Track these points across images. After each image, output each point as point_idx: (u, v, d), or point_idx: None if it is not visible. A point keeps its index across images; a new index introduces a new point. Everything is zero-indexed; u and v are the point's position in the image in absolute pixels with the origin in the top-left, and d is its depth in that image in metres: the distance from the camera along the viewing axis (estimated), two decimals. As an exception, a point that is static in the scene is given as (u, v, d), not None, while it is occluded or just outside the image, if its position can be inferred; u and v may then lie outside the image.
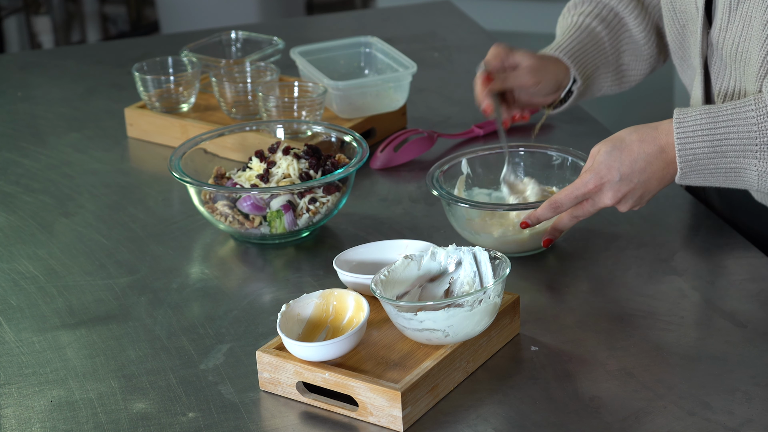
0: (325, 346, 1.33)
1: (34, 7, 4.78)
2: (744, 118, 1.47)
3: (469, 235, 1.64)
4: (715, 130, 1.47)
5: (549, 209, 1.55)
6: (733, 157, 1.48)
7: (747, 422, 1.28)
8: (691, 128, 1.48)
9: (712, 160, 1.48)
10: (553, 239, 1.60)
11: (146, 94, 2.08)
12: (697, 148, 1.48)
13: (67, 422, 1.34)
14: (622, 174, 1.51)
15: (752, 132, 1.46)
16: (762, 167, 1.47)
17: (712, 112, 1.48)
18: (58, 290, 1.61)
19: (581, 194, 1.54)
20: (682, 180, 1.51)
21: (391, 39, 2.40)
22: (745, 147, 1.47)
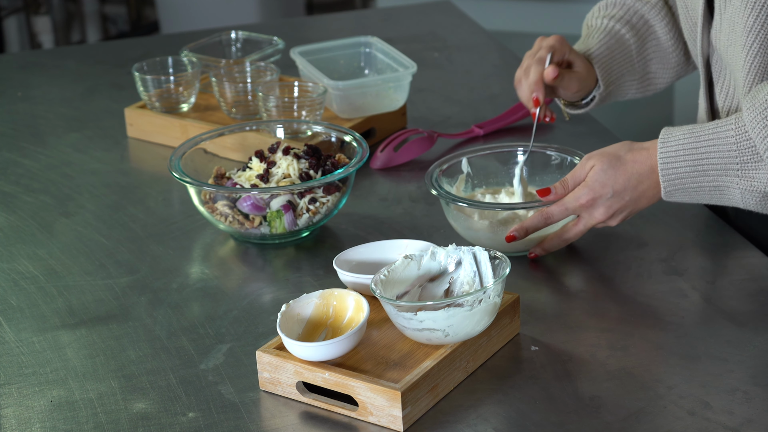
0: (325, 346, 1.33)
1: (34, 7, 4.78)
2: (724, 137, 1.48)
3: (468, 233, 1.64)
4: (696, 150, 1.50)
5: (539, 220, 1.57)
6: (715, 175, 1.50)
7: (747, 422, 1.28)
8: (674, 149, 1.51)
9: (695, 179, 1.51)
10: (538, 255, 1.61)
11: (146, 94, 2.08)
12: (680, 168, 1.51)
13: (67, 422, 1.34)
14: (615, 191, 1.53)
15: (731, 151, 1.48)
16: (744, 185, 1.49)
17: (695, 132, 1.51)
18: (58, 290, 1.61)
19: (574, 208, 1.55)
20: (668, 197, 1.54)
21: (391, 39, 2.40)
22: (726, 166, 1.49)
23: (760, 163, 1.47)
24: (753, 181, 1.48)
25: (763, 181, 1.48)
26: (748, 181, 1.48)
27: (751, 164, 1.48)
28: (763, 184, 1.48)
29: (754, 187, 1.48)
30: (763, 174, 1.47)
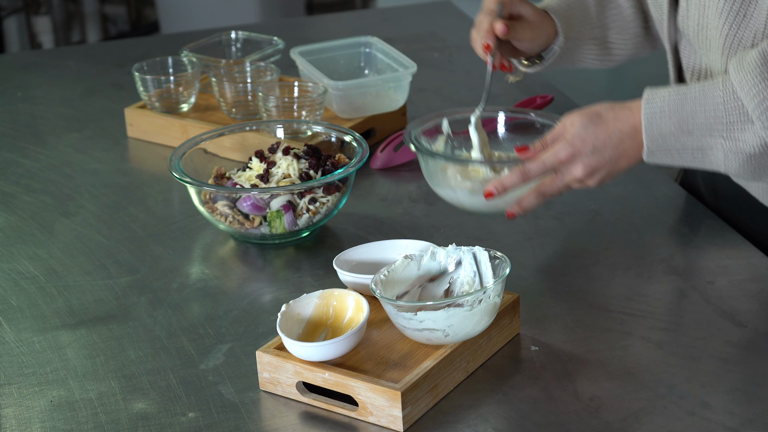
0: (325, 346, 1.33)
1: (34, 7, 4.78)
2: (711, 97, 1.46)
3: (444, 192, 1.61)
4: (682, 108, 1.47)
5: (518, 177, 1.52)
6: (700, 136, 1.47)
7: (747, 422, 1.28)
8: (659, 107, 1.48)
9: (679, 139, 1.48)
10: (516, 215, 1.57)
11: (146, 94, 2.08)
12: (664, 127, 1.48)
13: (67, 422, 1.34)
14: (595, 148, 1.50)
15: (719, 111, 1.46)
16: (728, 146, 1.46)
17: (681, 91, 1.48)
18: (58, 290, 1.61)
19: (552, 164, 1.51)
20: (649, 158, 1.50)
21: (391, 39, 2.40)
22: (712, 126, 1.46)
23: (747, 124, 1.44)
24: (738, 142, 1.45)
25: (749, 143, 1.45)
26: (734, 142, 1.45)
27: (738, 125, 1.45)
28: (749, 146, 1.45)
29: (739, 148, 1.45)
30: (749, 135, 1.45)
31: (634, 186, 1.82)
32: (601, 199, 1.80)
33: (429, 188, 1.86)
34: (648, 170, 1.86)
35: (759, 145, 1.44)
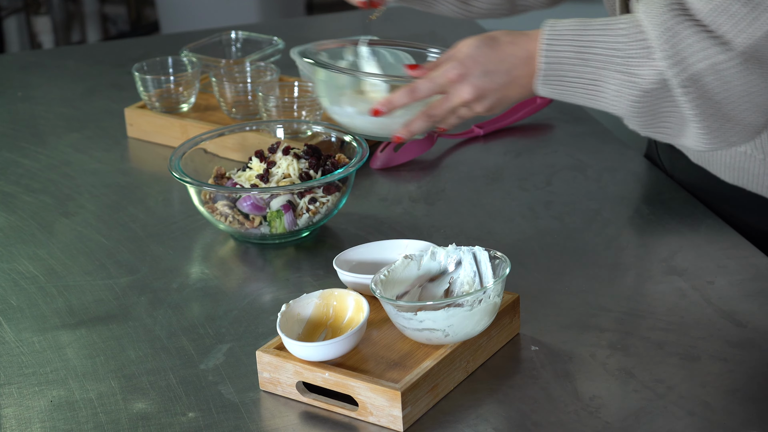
0: (325, 346, 1.33)
1: (34, 7, 4.78)
2: (614, 29, 1.43)
3: (336, 110, 1.58)
4: (583, 36, 1.44)
5: (405, 95, 1.49)
6: (596, 66, 1.44)
7: (747, 422, 1.28)
8: (560, 32, 1.45)
9: (575, 67, 1.45)
10: (403, 139, 1.54)
11: (146, 94, 2.08)
12: (562, 51, 1.44)
13: (67, 422, 1.34)
14: (486, 70, 1.47)
15: (619, 43, 1.43)
16: (623, 80, 1.43)
17: (585, 20, 1.46)
18: (58, 290, 1.61)
19: (441, 83, 1.48)
20: (542, 86, 1.47)
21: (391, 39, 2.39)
22: (610, 58, 1.43)
23: (646, 60, 1.42)
24: (633, 77, 1.42)
25: (644, 77, 1.42)
26: (629, 77, 1.42)
27: (636, 60, 1.42)
28: (645, 81, 1.42)
29: (634, 83, 1.42)
30: (645, 70, 1.42)
31: (635, 186, 1.83)
32: (601, 199, 1.80)
33: (429, 188, 1.86)
34: (648, 170, 1.86)
35: (654, 81, 1.41)
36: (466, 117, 1.53)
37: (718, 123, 1.43)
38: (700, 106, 1.41)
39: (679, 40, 1.39)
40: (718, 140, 1.44)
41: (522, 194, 1.83)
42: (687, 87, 1.40)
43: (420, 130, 1.53)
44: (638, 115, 1.45)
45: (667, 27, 1.40)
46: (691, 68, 1.40)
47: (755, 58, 1.39)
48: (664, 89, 1.42)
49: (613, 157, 1.91)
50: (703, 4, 1.40)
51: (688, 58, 1.39)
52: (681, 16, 1.40)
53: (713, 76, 1.40)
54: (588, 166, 1.89)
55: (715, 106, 1.42)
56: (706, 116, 1.42)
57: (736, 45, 1.38)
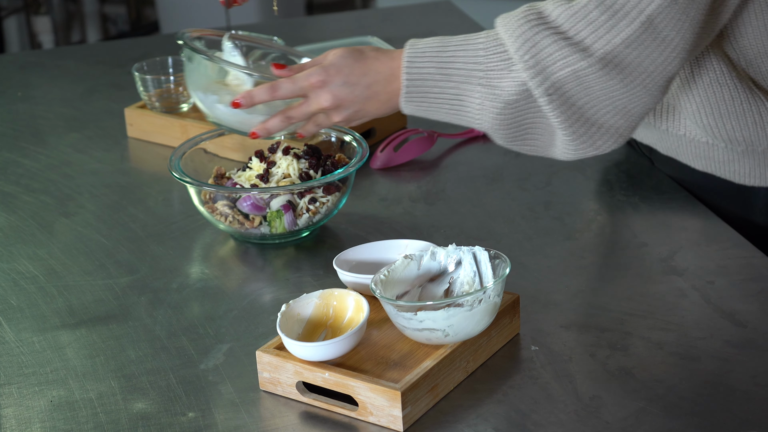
0: (325, 346, 1.33)
1: (34, 7, 4.78)
2: (473, 43, 1.46)
3: (201, 98, 1.59)
4: (444, 52, 1.47)
5: (266, 91, 1.51)
6: (458, 81, 1.46)
7: (747, 422, 1.28)
8: (421, 49, 1.47)
9: (438, 83, 1.47)
10: (258, 136, 1.55)
11: (146, 94, 2.08)
12: (424, 68, 1.47)
13: (67, 422, 1.34)
14: (347, 81, 1.49)
15: (479, 57, 1.45)
16: (485, 93, 1.45)
17: (445, 39, 1.49)
18: (58, 290, 1.61)
19: (302, 86, 1.50)
20: (406, 101, 1.49)
21: (391, 39, 2.40)
22: (471, 72, 1.46)
23: (506, 72, 1.44)
24: (495, 89, 1.45)
25: (505, 89, 1.44)
26: (490, 89, 1.45)
27: (497, 72, 1.45)
28: (505, 93, 1.44)
29: (496, 95, 1.45)
30: (506, 82, 1.44)
31: (635, 186, 1.82)
32: (601, 199, 1.80)
33: (429, 188, 1.86)
34: (648, 170, 1.86)
35: (516, 93, 1.44)
36: (324, 125, 1.56)
37: (584, 128, 1.46)
38: (565, 112, 1.44)
39: (539, 49, 1.42)
40: (585, 145, 1.47)
41: (522, 194, 1.83)
42: (550, 95, 1.43)
43: (276, 130, 1.54)
44: (503, 127, 1.47)
45: (525, 38, 1.42)
46: (553, 76, 1.42)
47: (614, 63, 1.42)
48: (527, 100, 1.44)
49: (613, 157, 1.91)
50: (561, 11, 1.42)
51: (550, 67, 1.42)
52: (539, 26, 1.42)
53: (575, 82, 1.43)
54: (588, 166, 1.89)
55: (578, 111, 1.45)
56: (572, 122, 1.45)
57: (595, 51, 1.41)
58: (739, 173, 1.68)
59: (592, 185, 1.84)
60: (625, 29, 1.40)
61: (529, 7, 1.44)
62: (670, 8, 1.40)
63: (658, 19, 1.40)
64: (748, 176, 1.68)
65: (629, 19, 1.40)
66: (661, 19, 1.40)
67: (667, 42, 1.42)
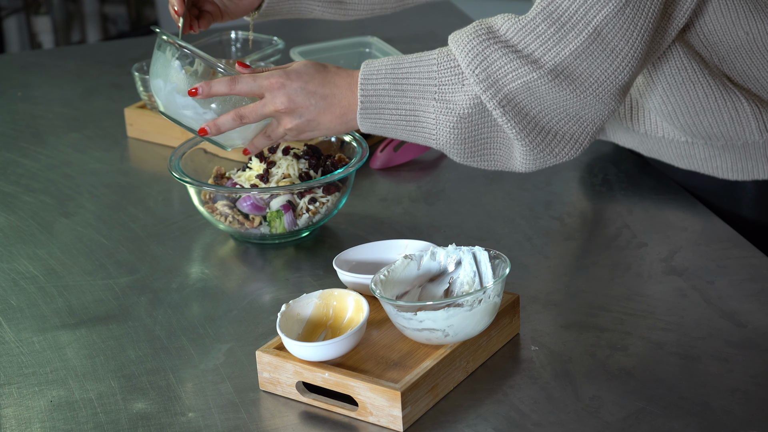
0: (325, 346, 1.33)
1: (34, 7, 4.78)
2: (426, 60, 1.48)
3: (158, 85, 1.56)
4: (398, 69, 1.49)
5: (225, 84, 1.50)
6: (413, 97, 1.48)
7: (747, 422, 1.28)
8: (376, 68, 1.49)
9: (393, 98, 1.49)
10: (207, 132, 1.53)
11: (146, 94, 2.08)
12: (379, 85, 1.48)
13: (67, 422, 1.34)
14: (306, 87, 1.49)
15: (432, 73, 1.47)
16: (439, 108, 1.47)
17: (399, 57, 1.51)
18: (58, 290, 1.61)
19: (261, 84, 1.50)
20: (362, 118, 1.50)
21: (391, 39, 2.40)
22: (425, 87, 1.47)
23: (458, 86, 1.46)
24: (449, 104, 1.47)
25: (459, 103, 1.46)
26: (444, 104, 1.47)
27: (449, 86, 1.46)
28: (459, 107, 1.46)
29: (450, 110, 1.47)
30: (459, 96, 1.46)
31: (635, 186, 1.83)
32: (601, 199, 1.80)
33: (429, 188, 1.86)
34: (648, 171, 1.86)
35: (470, 106, 1.46)
36: (274, 137, 1.54)
37: (540, 137, 1.48)
38: (520, 122, 1.47)
39: (490, 63, 1.44)
40: (544, 154, 1.50)
41: (522, 194, 1.83)
42: (503, 107, 1.45)
43: (227, 128, 1.53)
44: (459, 142, 1.49)
45: (476, 53, 1.45)
46: (505, 88, 1.44)
47: (564, 74, 1.44)
48: (482, 113, 1.46)
49: (613, 158, 1.91)
50: (510, 24, 1.45)
51: (501, 80, 1.44)
52: (489, 41, 1.45)
53: (526, 93, 1.45)
54: (588, 167, 1.89)
55: (533, 121, 1.47)
56: (527, 132, 1.47)
57: (544, 63, 1.44)
58: (721, 168, 1.70)
59: (592, 185, 1.84)
60: (573, 41, 1.43)
61: (480, 23, 1.47)
62: (617, 19, 1.43)
63: (606, 30, 1.43)
64: (731, 170, 1.69)
65: (576, 31, 1.43)
66: (608, 30, 1.43)
67: (616, 52, 1.44)
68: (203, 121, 1.54)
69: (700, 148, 1.69)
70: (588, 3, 1.42)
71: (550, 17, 1.43)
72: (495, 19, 1.47)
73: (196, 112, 1.54)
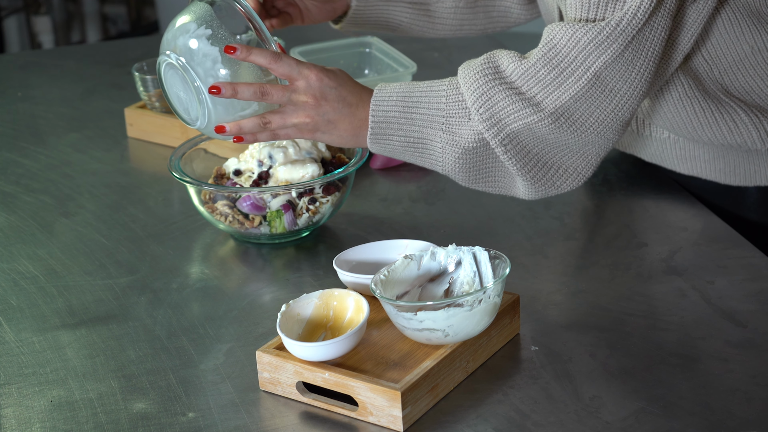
0: (325, 346, 1.33)
1: (34, 7, 4.78)
2: (436, 91, 1.49)
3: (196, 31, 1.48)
4: (409, 98, 1.50)
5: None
6: (421, 126, 1.49)
7: (747, 422, 1.28)
8: (387, 94, 1.50)
9: (402, 126, 1.50)
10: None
11: (146, 94, 2.08)
12: (389, 110, 1.49)
13: (67, 422, 1.34)
14: (339, 91, 1.48)
15: (440, 104, 1.49)
16: (446, 139, 1.49)
17: (411, 84, 1.52)
18: (58, 290, 1.61)
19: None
20: (373, 140, 1.50)
21: (390, 39, 2.40)
22: (433, 118, 1.49)
23: (465, 119, 1.48)
24: (455, 136, 1.48)
25: (465, 137, 1.48)
26: (451, 135, 1.48)
27: (456, 119, 1.48)
28: (465, 140, 1.48)
29: (456, 141, 1.48)
30: (465, 130, 1.48)
31: (635, 186, 1.82)
32: (601, 199, 1.80)
33: (429, 188, 1.86)
34: (648, 170, 1.86)
35: (474, 140, 1.47)
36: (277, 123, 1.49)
37: (542, 172, 1.51)
38: (521, 160, 1.49)
39: (493, 103, 1.46)
40: (546, 186, 1.52)
41: (522, 194, 1.83)
42: (505, 145, 1.47)
43: (243, 97, 1.46)
44: (464, 170, 1.51)
45: (482, 92, 1.46)
46: (507, 128, 1.46)
47: (565, 117, 1.46)
48: (485, 147, 1.48)
49: (613, 157, 1.91)
50: (514, 67, 1.46)
51: (503, 120, 1.46)
52: (494, 80, 1.46)
53: (528, 133, 1.47)
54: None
55: (535, 157, 1.49)
56: (529, 168, 1.50)
57: (545, 106, 1.45)
58: (724, 172, 1.70)
59: (592, 185, 1.84)
60: (573, 86, 1.45)
61: (488, 59, 1.48)
62: (616, 63, 1.44)
63: (605, 73, 1.44)
64: (733, 174, 1.69)
65: (576, 77, 1.45)
66: (607, 74, 1.45)
67: (615, 92, 1.46)
68: (215, 77, 1.47)
69: (703, 149, 1.69)
70: (587, 49, 1.43)
71: (551, 62, 1.45)
72: (502, 57, 1.48)
73: (213, 66, 1.47)
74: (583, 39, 1.43)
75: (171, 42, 1.50)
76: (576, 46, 1.43)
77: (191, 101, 1.48)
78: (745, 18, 1.54)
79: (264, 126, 1.48)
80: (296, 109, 1.48)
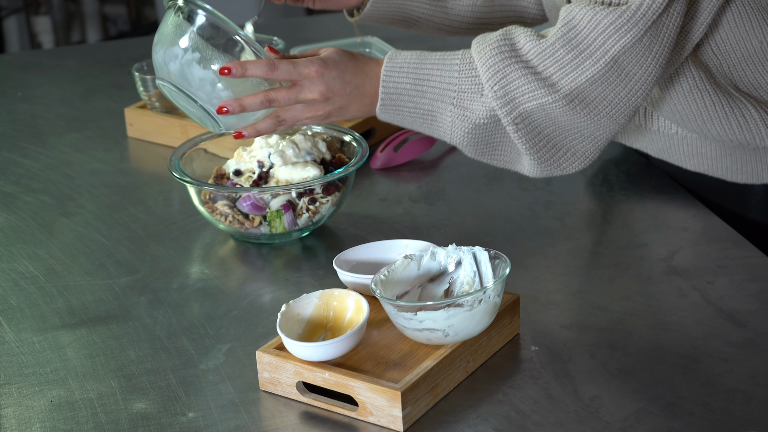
0: (325, 346, 1.33)
1: (34, 7, 4.78)
2: (449, 64, 1.49)
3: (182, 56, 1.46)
4: (420, 69, 1.49)
5: (263, 67, 1.46)
6: (432, 99, 1.50)
7: (747, 422, 1.28)
8: (399, 63, 1.50)
9: (413, 98, 1.50)
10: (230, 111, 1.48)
11: (146, 94, 2.08)
12: (400, 83, 1.50)
13: (67, 422, 1.34)
14: (342, 77, 1.50)
15: (453, 78, 1.48)
16: (456, 113, 1.49)
17: (424, 54, 1.51)
18: (58, 290, 1.61)
19: (300, 72, 1.48)
20: (381, 112, 1.52)
21: (391, 39, 2.40)
22: (444, 92, 1.49)
23: (477, 95, 1.47)
24: (466, 111, 1.48)
25: (476, 112, 1.48)
26: (462, 110, 1.49)
27: (468, 94, 1.48)
28: (476, 115, 1.48)
29: (466, 116, 1.49)
30: (477, 105, 1.48)
31: (635, 186, 1.82)
32: (601, 199, 1.80)
33: (429, 188, 1.86)
34: (648, 170, 1.86)
35: (486, 116, 1.48)
36: (292, 118, 1.51)
37: (550, 153, 1.51)
38: (532, 139, 1.49)
39: (509, 81, 1.46)
40: (552, 167, 1.53)
41: (522, 194, 1.83)
42: (517, 124, 1.47)
43: (252, 110, 1.48)
44: (472, 144, 1.52)
45: (497, 69, 1.46)
46: (520, 107, 1.46)
47: (579, 99, 1.46)
48: (496, 124, 1.49)
49: (613, 157, 1.91)
50: (531, 45, 1.46)
51: (517, 98, 1.46)
52: (510, 58, 1.46)
53: (541, 114, 1.47)
54: (588, 166, 1.89)
55: (544, 138, 1.50)
56: (538, 148, 1.50)
57: (561, 87, 1.45)
58: (731, 169, 1.69)
59: (592, 185, 1.84)
60: (590, 68, 1.45)
61: (504, 35, 1.48)
62: (635, 48, 1.44)
63: (623, 58, 1.45)
64: (740, 172, 1.69)
65: (594, 59, 1.45)
66: (625, 58, 1.45)
67: (630, 76, 1.46)
68: (218, 98, 1.49)
69: (711, 145, 1.69)
70: (607, 32, 1.43)
71: (570, 43, 1.45)
72: (520, 34, 1.48)
73: (214, 89, 1.48)
74: (603, 21, 1.43)
75: (163, 68, 1.51)
76: (596, 28, 1.43)
77: (203, 117, 1.53)
78: (754, 12, 1.54)
79: (280, 124, 1.52)
80: (306, 106, 1.51)
